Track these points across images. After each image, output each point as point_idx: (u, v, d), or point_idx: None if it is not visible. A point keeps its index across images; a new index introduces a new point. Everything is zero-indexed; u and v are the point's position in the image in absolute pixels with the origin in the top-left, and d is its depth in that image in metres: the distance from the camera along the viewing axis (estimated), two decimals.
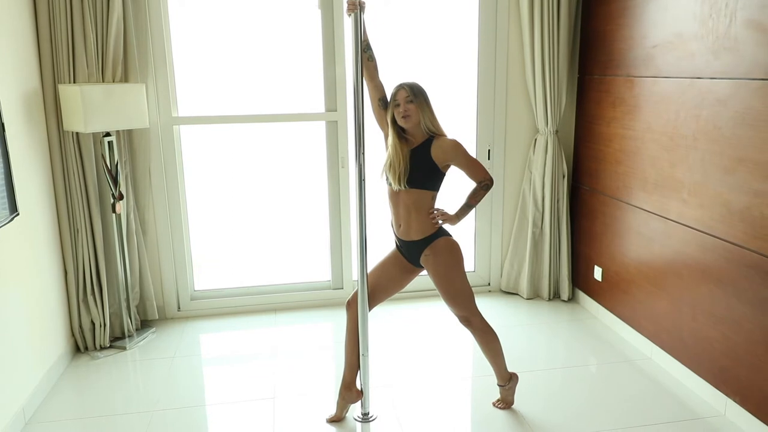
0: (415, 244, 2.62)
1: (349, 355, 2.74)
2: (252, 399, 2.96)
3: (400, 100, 2.53)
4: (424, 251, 2.62)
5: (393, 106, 2.55)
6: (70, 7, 3.13)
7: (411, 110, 2.51)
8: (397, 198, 2.59)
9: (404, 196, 2.57)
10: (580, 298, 3.99)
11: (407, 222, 2.60)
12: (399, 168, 2.53)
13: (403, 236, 2.64)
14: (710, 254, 2.78)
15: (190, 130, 3.80)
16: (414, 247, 2.64)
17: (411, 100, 2.51)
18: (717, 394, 2.79)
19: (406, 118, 2.52)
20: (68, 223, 3.32)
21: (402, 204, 2.59)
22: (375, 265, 2.76)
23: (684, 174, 2.91)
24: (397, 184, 2.54)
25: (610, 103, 3.51)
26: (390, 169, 2.56)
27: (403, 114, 2.52)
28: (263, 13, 3.73)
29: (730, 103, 2.59)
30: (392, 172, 2.55)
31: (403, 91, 2.53)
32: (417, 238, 2.61)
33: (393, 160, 2.55)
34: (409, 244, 2.64)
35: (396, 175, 2.53)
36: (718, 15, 2.62)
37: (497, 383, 2.84)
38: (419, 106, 2.52)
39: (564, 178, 3.92)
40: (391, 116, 2.57)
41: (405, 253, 2.70)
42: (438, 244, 2.61)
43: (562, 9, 3.65)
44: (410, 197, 2.56)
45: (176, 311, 3.88)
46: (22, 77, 2.95)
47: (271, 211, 4.25)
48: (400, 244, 2.70)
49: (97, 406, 2.92)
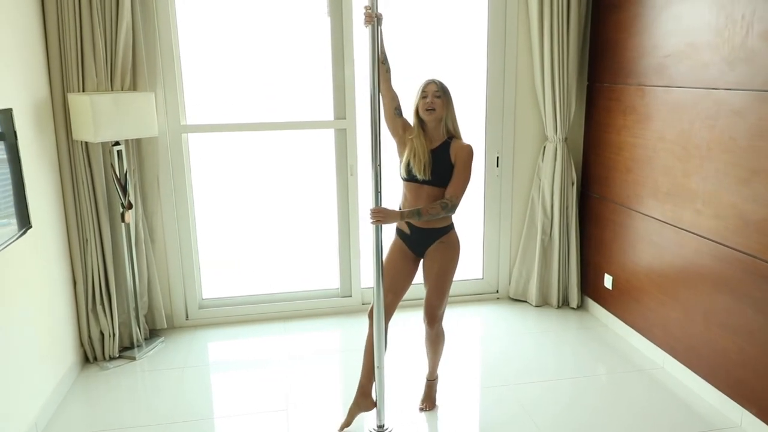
0: (435, 231, 2.69)
1: (367, 363, 2.75)
2: (265, 411, 2.95)
3: (429, 92, 2.61)
4: (440, 239, 2.69)
5: (420, 98, 2.62)
6: (79, 16, 3.11)
7: (437, 104, 2.59)
8: (420, 190, 2.64)
9: (429, 190, 2.63)
10: (590, 306, 3.99)
11: None
12: (424, 158, 2.59)
13: (424, 224, 2.68)
14: (725, 264, 2.77)
15: (199, 138, 3.78)
16: (431, 235, 2.69)
17: (439, 96, 2.60)
18: (732, 404, 2.79)
19: (430, 111, 2.59)
20: (77, 234, 3.30)
21: (425, 195, 2.64)
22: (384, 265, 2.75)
23: (698, 184, 2.91)
24: (422, 175, 2.59)
25: (620, 111, 3.50)
26: (415, 159, 2.60)
27: (428, 106, 2.59)
28: (272, 20, 3.71)
29: (747, 114, 2.59)
30: (417, 163, 2.60)
31: (434, 84, 2.61)
32: (439, 226, 2.69)
33: (417, 150, 2.61)
34: (426, 232, 2.69)
35: (421, 165, 2.59)
36: (734, 26, 2.62)
37: (427, 378, 2.94)
38: (445, 103, 2.61)
39: (573, 186, 3.92)
40: (415, 108, 2.64)
41: (413, 243, 2.74)
42: (452, 237, 2.72)
43: (571, 17, 3.65)
44: (435, 191, 2.63)
45: (184, 320, 3.86)
46: (32, 87, 2.93)
47: (279, 219, 4.23)
48: (411, 232, 2.72)
49: (109, 419, 2.90)
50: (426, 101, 2.60)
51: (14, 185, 2.53)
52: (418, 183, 2.63)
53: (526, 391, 3.07)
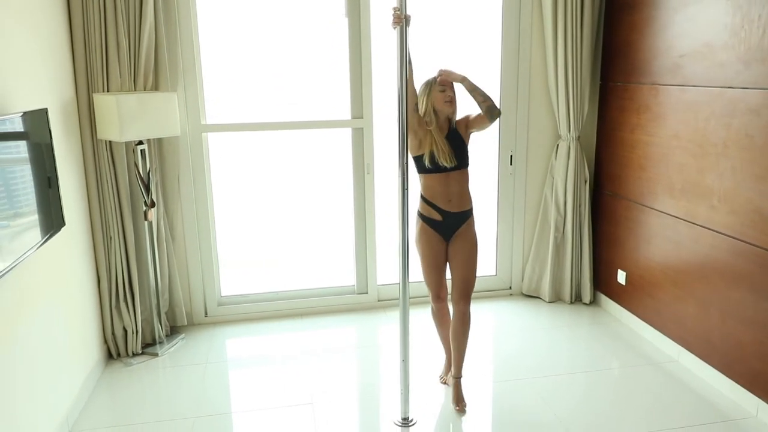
0: (466, 212, 2.86)
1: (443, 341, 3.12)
2: (291, 404, 3.00)
3: (447, 85, 2.78)
4: (468, 219, 2.87)
5: (438, 91, 2.76)
6: (104, 17, 3.15)
7: (454, 98, 2.80)
8: (448, 178, 2.79)
9: (456, 175, 2.80)
10: (602, 302, 4.05)
11: (460, 194, 2.82)
12: (446, 148, 2.76)
13: (456, 208, 2.82)
14: (741, 259, 2.84)
15: (218, 137, 3.83)
16: (462, 216, 2.85)
17: (453, 88, 2.79)
18: (748, 395, 2.86)
19: (449, 103, 2.77)
20: (101, 232, 3.35)
21: (454, 181, 2.80)
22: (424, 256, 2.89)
23: (713, 181, 2.98)
24: (450, 163, 2.75)
25: (634, 110, 3.57)
26: (438, 150, 2.74)
27: (448, 99, 2.77)
28: (290, 21, 3.77)
29: (763, 112, 2.66)
30: (441, 154, 2.74)
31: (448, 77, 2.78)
32: (468, 207, 2.87)
33: (438, 142, 2.75)
34: (459, 215, 2.84)
35: (446, 155, 2.74)
36: (751, 26, 2.69)
37: (453, 376, 2.98)
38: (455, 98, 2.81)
39: (586, 183, 3.99)
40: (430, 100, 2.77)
41: (446, 227, 2.85)
42: (473, 216, 2.91)
43: (585, 17, 3.71)
44: (461, 175, 2.82)
45: (204, 317, 3.91)
46: (60, 87, 2.97)
47: (296, 217, 4.29)
48: (444, 217, 2.83)
49: (136, 414, 2.95)
50: (446, 94, 2.76)
51: (50, 185, 2.58)
52: (446, 171, 2.77)
53: (541, 384, 3.14)
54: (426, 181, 2.83)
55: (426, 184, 2.83)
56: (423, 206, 2.86)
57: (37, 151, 2.47)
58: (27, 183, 2.36)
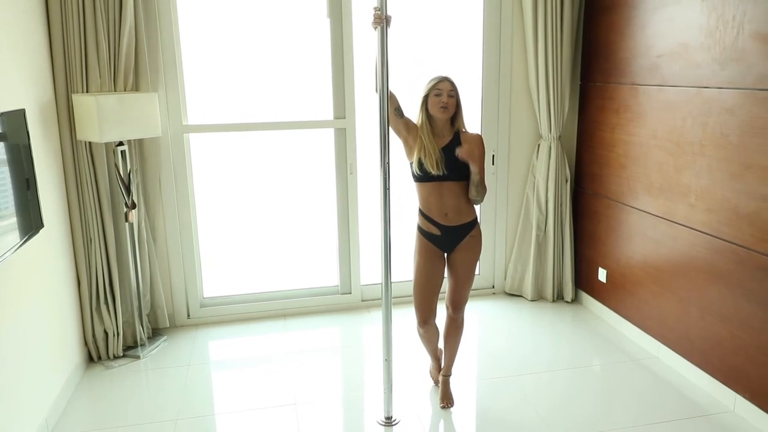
0: (466, 225, 2.74)
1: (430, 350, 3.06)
2: (274, 405, 3.00)
3: (444, 90, 2.62)
4: (470, 232, 2.76)
5: (433, 95, 2.63)
6: (83, 17, 3.13)
7: (451, 104, 2.64)
8: (441, 188, 2.68)
9: (451, 186, 2.68)
10: (584, 300, 4.10)
11: (457, 208, 2.70)
12: (435, 154, 2.63)
13: (454, 221, 2.72)
14: (718, 256, 2.89)
15: (200, 138, 3.81)
16: (462, 230, 2.74)
17: (452, 95, 2.63)
18: (726, 390, 2.90)
19: (444, 108, 2.63)
20: (81, 234, 3.31)
21: (448, 192, 2.69)
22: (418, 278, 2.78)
23: (691, 179, 3.02)
24: (436, 170, 2.62)
25: (613, 110, 3.61)
26: (426, 156, 2.63)
27: (443, 104, 2.62)
28: (272, 21, 3.76)
29: (738, 112, 2.71)
30: (429, 159, 2.62)
31: (448, 83, 2.64)
32: (468, 220, 2.75)
33: (428, 147, 2.63)
34: (458, 229, 2.73)
35: (433, 161, 2.62)
36: (725, 27, 2.73)
37: (443, 374, 2.99)
38: (458, 102, 2.66)
39: (567, 183, 4.02)
40: (425, 103, 2.66)
41: (444, 242, 2.75)
42: (478, 229, 2.80)
43: (565, 18, 3.75)
44: (456, 186, 2.69)
45: (186, 319, 3.88)
46: (38, 88, 2.94)
47: (279, 218, 4.28)
48: (442, 233, 2.73)
49: (117, 417, 2.92)
50: (441, 99, 2.61)
51: (28, 186, 2.55)
52: (437, 180, 2.65)
53: (524, 382, 3.16)
54: (421, 191, 2.74)
55: (421, 195, 2.75)
56: (421, 220, 2.76)
57: (15, 153, 2.44)
58: (5, 185, 2.34)
